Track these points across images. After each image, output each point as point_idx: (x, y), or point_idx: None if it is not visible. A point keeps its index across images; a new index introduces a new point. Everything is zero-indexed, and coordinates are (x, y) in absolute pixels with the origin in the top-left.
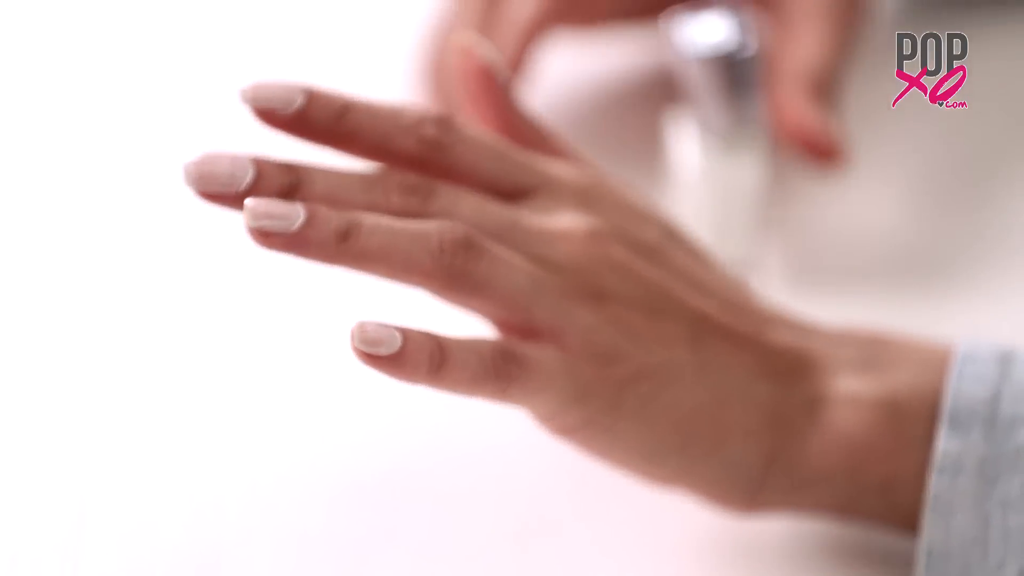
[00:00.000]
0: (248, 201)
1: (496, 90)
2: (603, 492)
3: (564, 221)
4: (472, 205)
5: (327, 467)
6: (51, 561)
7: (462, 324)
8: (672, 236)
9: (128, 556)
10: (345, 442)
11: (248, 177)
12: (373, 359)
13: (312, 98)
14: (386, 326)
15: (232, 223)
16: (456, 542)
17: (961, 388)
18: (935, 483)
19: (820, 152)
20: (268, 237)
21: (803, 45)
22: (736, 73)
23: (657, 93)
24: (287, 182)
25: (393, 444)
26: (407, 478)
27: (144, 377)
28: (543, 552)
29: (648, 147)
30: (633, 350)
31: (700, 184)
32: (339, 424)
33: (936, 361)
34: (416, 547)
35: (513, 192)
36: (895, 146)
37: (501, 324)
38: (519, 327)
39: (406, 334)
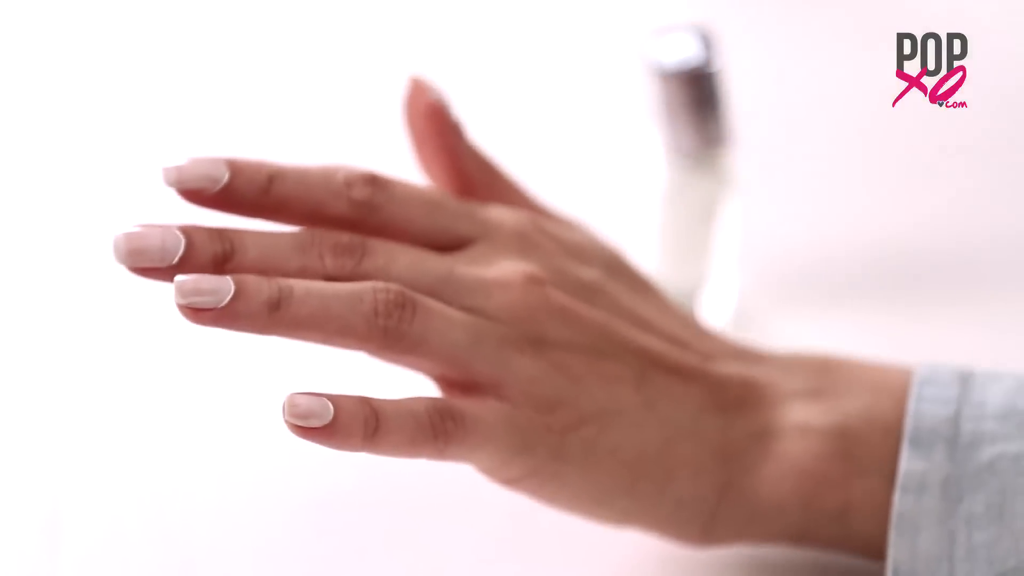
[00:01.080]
0: (177, 278)
1: (445, 129)
2: None
3: (501, 269)
4: (406, 261)
5: (295, 482)
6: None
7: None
8: (615, 272)
9: (99, 567)
10: (313, 455)
11: (180, 249)
12: (306, 431)
13: (236, 171)
14: (318, 396)
15: None
16: (417, 559)
17: (921, 409)
18: (899, 502)
19: None
20: (198, 313)
21: None
22: (701, 90)
23: (623, 111)
24: (219, 250)
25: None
26: (373, 491)
27: (115, 389)
28: (512, 564)
29: (613, 166)
30: (575, 395)
31: (665, 202)
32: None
33: (889, 386)
34: (381, 560)
35: (451, 243)
36: (872, 157)
37: (443, 380)
38: (461, 381)
39: (337, 403)
